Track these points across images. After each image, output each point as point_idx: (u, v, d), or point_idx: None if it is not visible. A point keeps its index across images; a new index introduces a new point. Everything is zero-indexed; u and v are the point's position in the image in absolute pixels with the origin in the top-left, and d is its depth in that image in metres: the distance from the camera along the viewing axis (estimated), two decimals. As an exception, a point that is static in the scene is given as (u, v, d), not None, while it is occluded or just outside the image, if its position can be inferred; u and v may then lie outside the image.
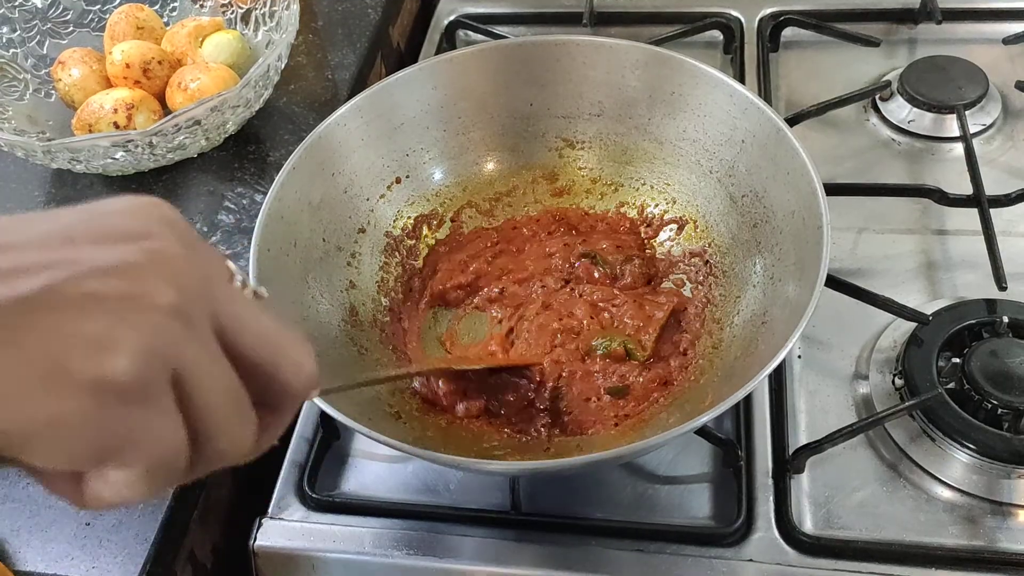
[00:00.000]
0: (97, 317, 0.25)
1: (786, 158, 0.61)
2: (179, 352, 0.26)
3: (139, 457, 0.26)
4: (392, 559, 0.59)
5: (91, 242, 0.26)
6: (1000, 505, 0.58)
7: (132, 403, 0.25)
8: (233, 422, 0.28)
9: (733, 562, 0.56)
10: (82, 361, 0.24)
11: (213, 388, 0.27)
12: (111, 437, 0.25)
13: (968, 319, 0.64)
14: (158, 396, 0.26)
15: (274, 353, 0.29)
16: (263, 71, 0.74)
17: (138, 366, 0.25)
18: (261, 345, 0.29)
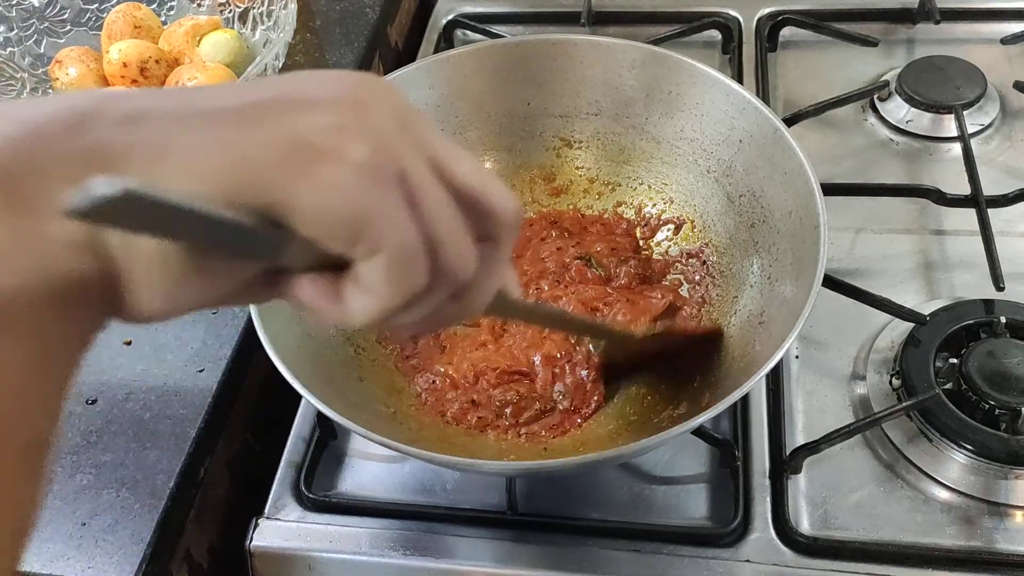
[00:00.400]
0: (330, 113, 0.27)
1: (783, 158, 0.61)
2: (402, 159, 0.28)
3: (384, 238, 0.28)
4: (389, 559, 0.59)
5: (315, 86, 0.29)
6: (997, 506, 0.58)
7: (371, 182, 0.27)
8: (457, 235, 0.30)
9: (730, 563, 0.56)
10: (324, 140, 0.27)
11: (435, 200, 0.29)
12: (359, 206, 0.27)
13: (966, 319, 0.64)
14: (391, 187, 0.28)
15: (484, 185, 0.31)
16: (260, 70, 0.73)
17: (373, 152, 0.27)
18: (472, 178, 0.31)
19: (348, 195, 0.27)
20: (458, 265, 0.30)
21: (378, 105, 0.29)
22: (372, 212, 0.27)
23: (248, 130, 0.26)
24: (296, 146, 0.27)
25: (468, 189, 0.30)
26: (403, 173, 0.28)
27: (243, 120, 0.27)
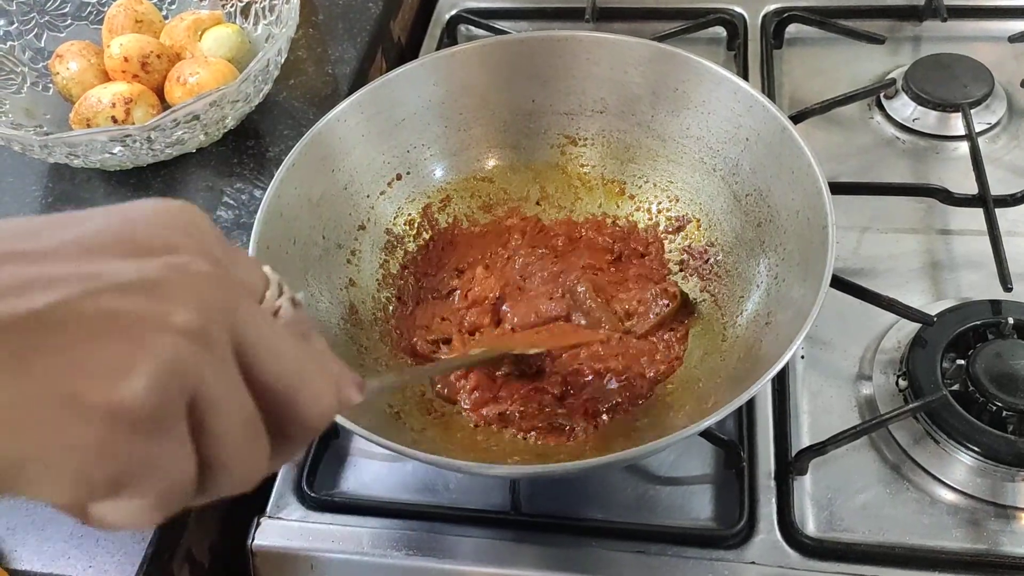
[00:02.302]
0: (113, 338, 0.23)
1: (791, 157, 0.60)
2: (197, 378, 0.24)
3: (151, 488, 0.24)
4: (391, 559, 0.58)
5: (112, 254, 0.25)
6: (1004, 508, 0.57)
7: (147, 432, 0.24)
8: (246, 453, 0.27)
9: (735, 564, 0.56)
10: (96, 387, 0.23)
11: (229, 418, 0.26)
12: (124, 468, 0.24)
13: (973, 320, 0.64)
14: (173, 425, 0.24)
15: (294, 383, 0.28)
16: (263, 66, 0.73)
17: (155, 393, 0.23)
18: (281, 373, 0.27)
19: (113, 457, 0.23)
20: (236, 482, 0.27)
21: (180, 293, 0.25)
22: (140, 471, 0.24)
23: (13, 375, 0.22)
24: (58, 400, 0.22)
25: (274, 387, 0.27)
26: (196, 391, 0.25)
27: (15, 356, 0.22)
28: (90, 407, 0.23)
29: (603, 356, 0.63)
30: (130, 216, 0.27)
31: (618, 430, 0.59)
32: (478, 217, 0.73)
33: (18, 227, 0.25)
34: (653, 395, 0.61)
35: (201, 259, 0.26)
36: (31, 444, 0.22)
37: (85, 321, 0.23)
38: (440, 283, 0.70)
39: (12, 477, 0.23)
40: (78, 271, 0.24)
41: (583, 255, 0.70)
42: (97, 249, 0.25)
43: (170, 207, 0.27)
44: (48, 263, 0.24)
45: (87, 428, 0.23)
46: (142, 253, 0.25)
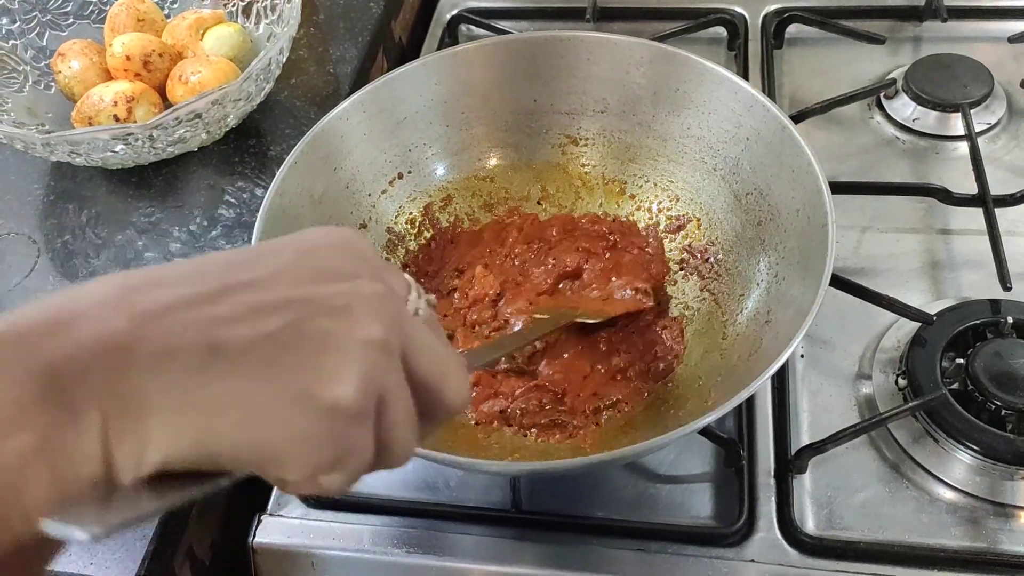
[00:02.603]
0: (329, 351, 0.29)
1: (791, 156, 0.60)
2: (384, 381, 0.31)
3: (351, 466, 0.30)
4: (392, 557, 0.59)
5: (313, 281, 0.31)
6: (1003, 507, 0.57)
7: (356, 423, 0.30)
8: (406, 439, 0.32)
9: (734, 562, 0.56)
10: (322, 389, 0.29)
11: (399, 410, 0.32)
12: (341, 451, 0.30)
13: (972, 319, 0.64)
14: (369, 416, 0.30)
15: (442, 377, 0.34)
16: (264, 64, 0.73)
17: (361, 393, 0.29)
18: (433, 369, 0.33)
19: (334, 442, 0.29)
20: (393, 463, 0.33)
21: (368, 312, 0.31)
22: (349, 452, 0.30)
23: (265, 383, 0.29)
24: (297, 400, 0.29)
25: (427, 380, 0.33)
26: (383, 390, 0.31)
27: (263, 368, 0.29)
28: (320, 404, 0.29)
29: (603, 354, 0.63)
30: (314, 243, 0.33)
31: (618, 428, 0.59)
32: (479, 216, 0.74)
33: (234, 259, 0.31)
34: (653, 393, 0.61)
35: (374, 281, 0.32)
36: (281, 433, 0.29)
37: (307, 339, 0.29)
38: (441, 283, 0.70)
39: (266, 460, 0.29)
40: (296, 296, 0.30)
41: (579, 241, 0.70)
42: (302, 276, 0.31)
43: (344, 237, 0.34)
44: (270, 290, 0.30)
45: (320, 421, 0.29)
46: (334, 279, 0.31)
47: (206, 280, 0.30)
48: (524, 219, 0.73)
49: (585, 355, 0.63)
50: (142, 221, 0.75)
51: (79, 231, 0.75)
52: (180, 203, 0.76)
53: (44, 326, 0.27)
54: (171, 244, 0.73)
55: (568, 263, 0.68)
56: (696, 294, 0.66)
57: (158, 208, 0.76)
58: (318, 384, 0.29)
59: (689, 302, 0.66)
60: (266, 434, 0.29)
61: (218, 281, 0.30)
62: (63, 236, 0.75)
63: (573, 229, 0.71)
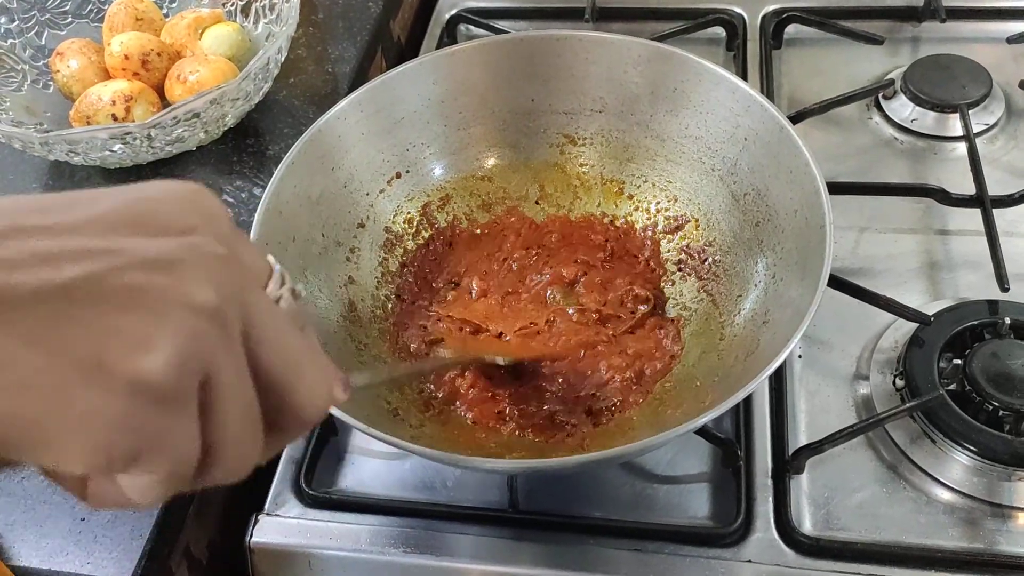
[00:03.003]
0: (137, 312, 0.24)
1: (789, 157, 0.60)
2: (212, 358, 0.25)
3: (161, 464, 0.25)
4: (389, 556, 0.59)
5: (134, 231, 0.25)
6: (1000, 508, 0.58)
7: (164, 406, 0.24)
8: (244, 440, 0.27)
9: (732, 563, 0.56)
10: (121, 358, 0.23)
11: (235, 401, 0.26)
12: (141, 440, 0.24)
13: (970, 320, 0.64)
14: (188, 402, 0.25)
15: (293, 374, 0.28)
16: (263, 64, 0.73)
17: (175, 368, 0.24)
18: (282, 363, 0.28)
19: (132, 429, 0.23)
20: (230, 471, 0.27)
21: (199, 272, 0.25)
22: (154, 444, 0.24)
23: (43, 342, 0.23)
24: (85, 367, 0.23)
25: (274, 376, 0.28)
26: (210, 370, 0.25)
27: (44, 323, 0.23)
28: (115, 377, 0.23)
29: (602, 355, 0.63)
30: (147, 195, 0.27)
31: (616, 428, 0.59)
32: (477, 216, 0.74)
33: (34, 203, 0.25)
34: (651, 394, 0.61)
35: (216, 241, 0.26)
36: (56, 408, 0.23)
37: (111, 294, 0.24)
38: (437, 290, 0.69)
39: (33, 441, 0.23)
40: (104, 246, 0.24)
41: (577, 251, 0.70)
42: (118, 226, 0.25)
43: (186, 188, 0.28)
44: (74, 237, 0.24)
45: (111, 397, 0.23)
46: (161, 232, 0.26)
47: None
48: (522, 223, 0.73)
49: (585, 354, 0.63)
50: (140, 220, 0.75)
51: (77, 230, 0.75)
52: (178, 202, 0.76)
53: None
54: (169, 243, 0.73)
55: (565, 275, 0.68)
56: (694, 295, 0.66)
57: (156, 207, 0.76)
58: (115, 351, 0.23)
59: (687, 303, 0.66)
60: (34, 409, 0.22)
61: (10, 221, 0.24)
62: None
63: (571, 235, 0.71)
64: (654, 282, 0.68)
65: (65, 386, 0.23)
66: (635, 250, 0.70)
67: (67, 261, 0.23)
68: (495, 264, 0.70)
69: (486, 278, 0.69)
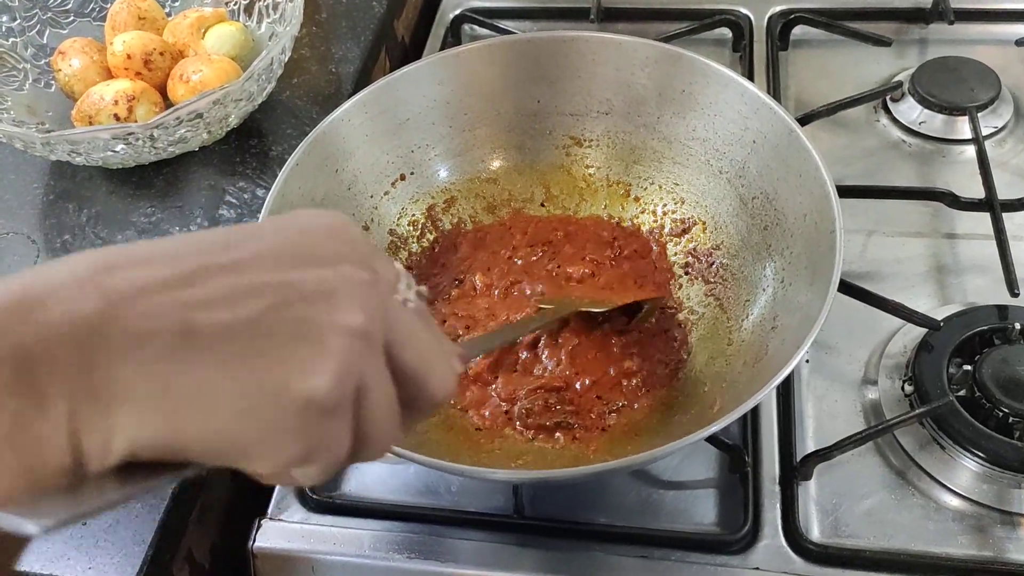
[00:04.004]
0: (306, 340, 0.28)
1: (798, 160, 0.60)
2: (363, 372, 0.30)
3: (324, 459, 0.30)
4: (392, 562, 0.58)
5: (296, 264, 0.30)
6: (1010, 515, 0.57)
7: (330, 416, 0.29)
8: (387, 431, 0.32)
9: (739, 570, 0.56)
10: (296, 382, 0.28)
11: (380, 403, 0.31)
12: (314, 445, 0.29)
13: (979, 325, 0.64)
14: (346, 409, 0.29)
15: (427, 368, 0.33)
16: (266, 64, 0.73)
17: (338, 387, 0.29)
18: (418, 360, 0.32)
19: (307, 437, 0.29)
20: (372, 456, 0.32)
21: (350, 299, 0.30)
22: (322, 446, 0.29)
23: (238, 373, 0.27)
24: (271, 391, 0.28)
25: (411, 371, 0.32)
26: (361, 381, 0.30)
27: (237, 356, 0.28)
28: (292, 398, 0.28)
29: (610, 357, 0.62)
30: (302, 227, 0.32)
31: (623, 433, 0.59)
32: (482, 218, 0.73)
33: (213, 240, 0.30)
34: (658, 399, 0.61)
35: (360, 267, 0.31)
36: (252, 426, 0.28)
37: (285, 325, 0.28)
38: (442, 290, 0.69)
39: (235, 452, 0.28)
40: (275, 280, 0.29)
41: (585, 249, 0.69)
42: (284, 259, 0.30)
43: (332, 220, 0.33)
44: (250, 273, 0.29)
45: (292, 414, 0.28)
46: (318, 263, 0.30)
47: (183, 260, 0.28)
48: (528, 222, 0.72)
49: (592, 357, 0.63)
50: (142, 221, 0.74)
51: (79, 231, 0.74)
52: (181, 203, 0.75)
53: (13, 306, 0.26)
54: (171, 245, 0.72)
55: (573, 273, 0.67)
56: (701, 299, 0.66)
57: (158, 208, 0.75)
58: (292, 375, 0.28)
59: (694, 307, 0.66)
60: (235, 427, 0.28)
61: (196, 262, 0.29)
62: (63, 236, 0.74)
63: (577, 232, 0.71)
64: (663, 285, 0.67)
65: (257, 407, 0.28)
66: (643, 251, 0.69)
67: (250, 297, 0.28)
68: (500, 262, 0.70)
69: (490, 274, 0.69)
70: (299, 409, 0.28)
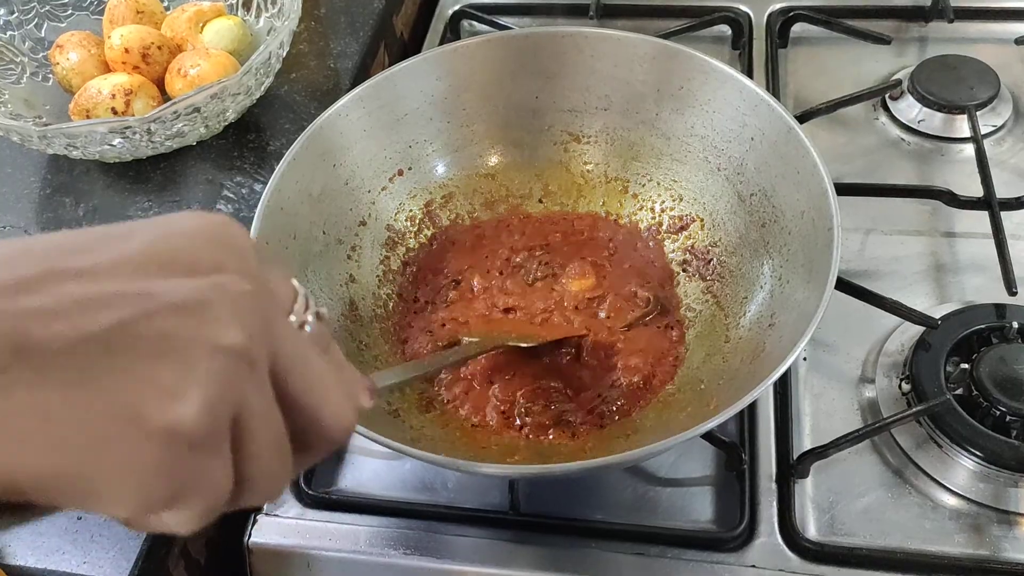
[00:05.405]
0: (169, 360, 0.24)
1: (796, 157, 0.60)
2: (242, 398, 0.26)
3: (197, 501, 0.26)
4: (388, 558, 0.58)
5: (164, 272, 0.26)
6: (1007, 514, 0.57)
7: (200, 450, 0.25)
8: (274, 469, 0.28)
9: (735, 568, 0.56)
10: (156, 408, 0.24)
11: (265, 435, 0.27)
12: (181, 485, 0.25)
13: (977, 324, 0.63)
14: (220, 442, 0.26)
15: (320, 399, 0.29)
16: (264, 58, 0.72)
17: (207, 414, 0.24)
18: (309, 390, 0.29)
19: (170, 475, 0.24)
20: (261, 497, 0.28)
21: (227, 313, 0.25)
22: (191, 486, 0.25)
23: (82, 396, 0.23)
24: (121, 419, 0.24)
25: (301, 401, 0.28)
26: (240, 409, 0.26)
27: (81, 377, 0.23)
28: (151, 427, 0.24)
29: (607, 356, 0.62)
30: (175, 231, 0.27)
31: (620, 430, 0.59)
32: (480, 214, 0.73)
33: (67, 241, 0.26)
34: (655, 396, 0.61)
35: (243, 278, 0.27)
36: (100, 461, 0.23)
37: (143, 342, 0.24)
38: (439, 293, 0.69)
39: (80, 492, 0.24)
40: (133, 289, 0.25)
41: (582, 250, 0.69)
42: (148, 266, 0.26)
43: (213, 223, 0.28)
44: (104, 281, 0.25)
45: (150, 447, 0.24)
46: (189, 272, 0.26)
47: (28, 261, 0.24)
48: (525, 221, 0.72)
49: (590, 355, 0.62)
50: (139, 215, 0.74)
51: (76, 225, 0.74)
52: (178, 198, 0.75)
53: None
54: (168, 239, 0.72)
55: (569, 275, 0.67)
56: (698, 296, 0.66)
57: (155, 202, 0.75)
58: (150, 401, 0.24)
59: (691, 304, 0.66)
60: (78, 462, 0.23)
61: (38, 266, 0.24)
62: (60, 230, 0.74)
63: (571, 234, 0.71)
64: (663, 283, 0.67)
65: (106, 439, 0.23)
66: (641, 248, 0.69)
67: (102, 308, 0.24)
68: (498, 261, 0.70)
69: (487, 277, 0.68)
70: (160, 441, 0.24)
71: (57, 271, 0.24)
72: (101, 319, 0.24)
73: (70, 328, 0.23)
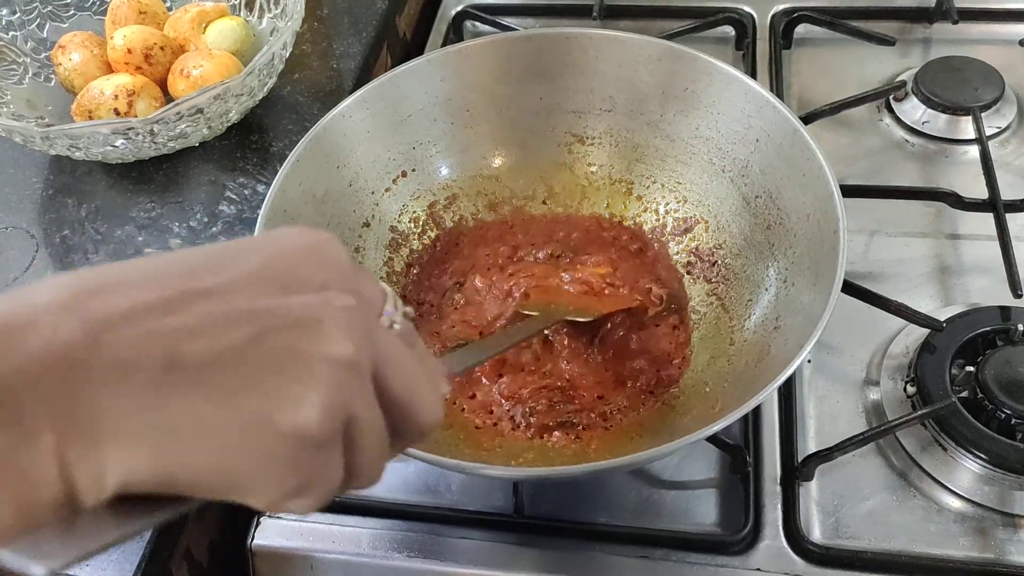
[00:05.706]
0: (293, 371, 0.28)
1: (802, 159, 0.60)
2: (352, 403, 0.29)
3: (321, 491, 0.29)
4: (391, 561, 0.58)
5: (280, 290, 0.29)
6: (1011, 517, 0.57)
7: (320, 449, 0.28)
8: (377, 461, 0.32)
9: (740, 571, 0.55)
10: (285, 413, 0.27)
11: (370, 433, 0.30)
12: (308, 478, 0.28)
13: (982, 326, 0.63)
14: (336, 441, 0.29)
15: (414, 395, 0.32)
16: (267, 59, 0.72)
17: (327, 418, 0.28)
18: (405, 388, 0.32)
19: (299, 470, 0.28)
20: (361, 486, 0.32)
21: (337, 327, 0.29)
22: (315, 479, 0.29)
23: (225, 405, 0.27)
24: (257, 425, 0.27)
25: (399, 399, 0.32)
26: (351, 412, 0.29)
27: (223, 388, 0.27)
28: (283, 431, 0.27)
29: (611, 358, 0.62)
30: (286, 250, 0.31)
31: (624, 432, 0.59)
32: (484, 216, 0.73)
33: (193, 260, 0.29)
34: (660, 398, 0.60)
35: (345, 292, 0.30)
36: (244, 460, 0.27)
37: (270, 355, 0.28)
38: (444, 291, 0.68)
39: (228, 487, 0.28)
40: (258, 307, 0.28)
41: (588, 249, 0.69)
42: (268, 285, 0.29)
43: (318, 241, 0.32)
44: (232, 299, 0.28)
45: (283, 448, 0.27)
46: (302, 288, 0.30)
47: (166, 284, 0.28)
48: (529, 223, 0.72)
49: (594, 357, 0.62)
50: (142, 216, 0.74)
51: (78, 226, 0.74)
52: (180, 198, 0.75)
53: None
54: (171, 240, 0.72)
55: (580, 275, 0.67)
56: (703, 298, 0.66)
57: (158, 203, 0.75)
58: (280, 408, 0.27)
59: (696, 306, 0.65)
60: (227, 461, 0.27)
61: (177, 286, 0.28)
62: (62, 231, 0.74)
63: (573, 231, 0.70)
64: (670, 283, 0.67)
65: (248, 441, 0.27)
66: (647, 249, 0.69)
67: (234, 325, 0.27)
68: (502, 260, 0.69)
69: (489, 275, 0.68)
70: (290, 442, 0.27)
71: (191, 291, 0.28)
72: (235, 336, 0.27)
73: (210, 344, 0.27)
